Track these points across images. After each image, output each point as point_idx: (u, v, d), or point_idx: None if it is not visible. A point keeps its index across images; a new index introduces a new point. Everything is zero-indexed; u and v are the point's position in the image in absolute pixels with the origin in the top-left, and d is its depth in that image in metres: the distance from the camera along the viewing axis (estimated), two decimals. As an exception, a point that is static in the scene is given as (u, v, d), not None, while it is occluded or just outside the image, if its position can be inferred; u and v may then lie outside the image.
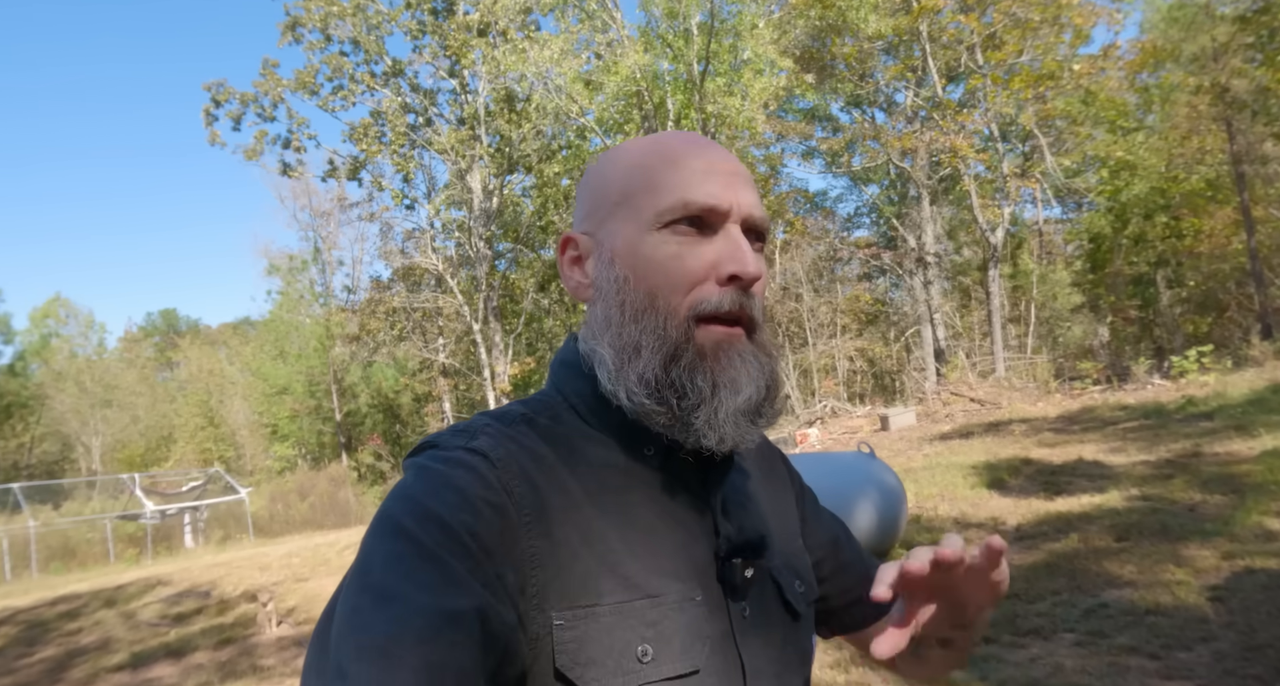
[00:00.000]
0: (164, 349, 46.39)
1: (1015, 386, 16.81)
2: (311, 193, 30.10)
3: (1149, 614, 3.75)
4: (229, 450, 34.40)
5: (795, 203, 26.73)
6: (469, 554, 0.56)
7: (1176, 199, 19.40)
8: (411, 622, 0.52)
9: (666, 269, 0.66)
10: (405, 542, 0.56)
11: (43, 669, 6.53)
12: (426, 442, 0.67)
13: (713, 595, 0.66)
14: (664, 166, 0.68)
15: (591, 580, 0.61)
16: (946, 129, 18.73)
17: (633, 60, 13.28)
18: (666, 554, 0.65)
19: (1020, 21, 18.50)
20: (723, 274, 0.66)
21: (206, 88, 18.98)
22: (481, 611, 0.55)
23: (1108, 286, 21.92)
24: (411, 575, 0.55)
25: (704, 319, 0.66)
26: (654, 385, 0.64)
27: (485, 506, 0.59)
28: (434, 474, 0.61)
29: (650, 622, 0.61)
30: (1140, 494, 6.24)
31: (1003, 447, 9.82)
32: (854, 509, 5.21)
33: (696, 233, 0.67)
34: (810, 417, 19.04)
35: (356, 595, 0.55)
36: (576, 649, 0.59)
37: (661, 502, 0.67)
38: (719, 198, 0.67)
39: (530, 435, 0.67)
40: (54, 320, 39.77)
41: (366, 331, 26.08)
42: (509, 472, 0.62)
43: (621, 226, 0.69)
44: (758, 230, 0.70)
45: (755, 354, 0.67)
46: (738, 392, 0.64)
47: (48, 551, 16.61)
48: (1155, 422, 9.73)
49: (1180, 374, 13.69)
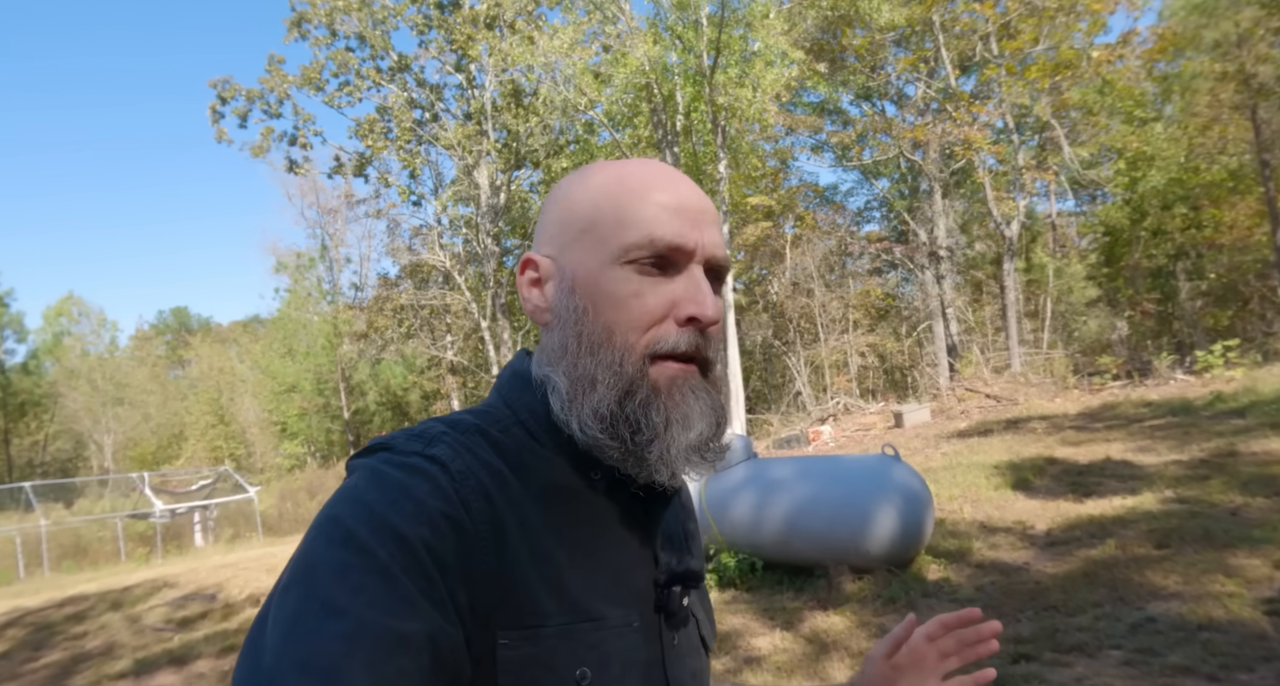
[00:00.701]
0: (175, 347, 46.54)
1: (1032, 382, 16.52)
2: (319, 190, 30.04)
3: (1201, 629, 3.52)
4: (239, 448, 34.44)
5: (805, 197, 26.43)
6: (423, 572, 0.55)
7: (1196, 190, 19.01)
8: (361, 643, 0.50)
9: (627, 306, 0.65)
10: (356, 553, 0.54)
11: (47, 675, 6.43)
12: (379, 443, 0.64)
13: (649, 622, 0.67)
14: (633, 199, 0.67)
15: (538, 600, 0.60)
16: (960, 120, 18.40)
17: (642, 51, 13.04)
18: (609, 578, 0.65)
19: (1036, 9, 18.14)
20: (681, 315, 0.65)
21: (212, 85, 18.86)
22: (432, 635, 0.53)
23: (1126, 280, 21.55)
24: (361, 590, 0.52)
25: (659, 357, 0.65)
26: (608, 419, 0.64)
27: (442, 520, 0.57)
28: (389, 480, 0.59)
29: (591, 646, 0.61)
30: (1176, 496, 5.99)
31: (1025, 446, 9.57)
32: (877, 514, 4.99)
33: (659, 271, 0.66)
34: (823, 414, 18.80)
35: (299, 602, 0.52)
36: (519, 670, 0.58)
37: (606, 527, 0.67)
38: (685, 237, 0.66)
39: (485, 447, 0.65)
40: (66, 319, 39.92)
41: (374, 329, 26.02)
42: (467, 486, 0.60)
43: (585, 256, 0.67)
44: (718, 271, 0.70)
45: (707, 391, 0.67)
46: (690, 428, 0.65)
47: (59, 550, 16.60)
48: (1183, 420, 9.45)
49: (1205, 369, 13.38)
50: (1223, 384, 11.43)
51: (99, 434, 35.15)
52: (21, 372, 36.25)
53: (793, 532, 5.24)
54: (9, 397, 34.77)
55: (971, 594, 4.57)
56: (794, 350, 24.11)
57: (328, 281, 32.59)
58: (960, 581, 4.84)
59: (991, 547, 5.47)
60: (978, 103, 19.69)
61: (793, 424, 18.37)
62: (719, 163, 14.99)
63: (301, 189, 30.10)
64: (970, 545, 5.50)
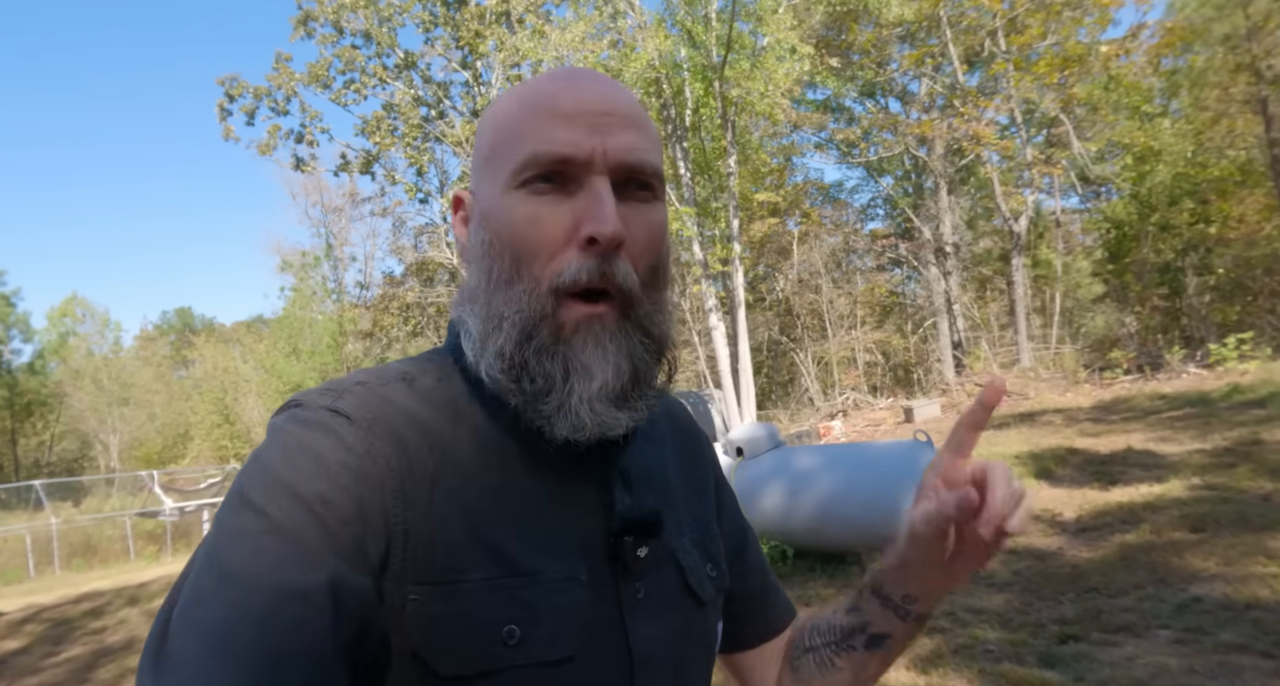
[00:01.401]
0: (179, 347, 46.55)
1: (1041, 377, 16.51)
2: (323, 188, 30.04)
3: (1249, 608, 3.51)
4: (245, 447, 34.42)
5: (810, 194, 26.44)
6: (321, 524, 0.52)
7: (1204, 184, 18.98)
8: (252, 604, 0.48)
9: (525, 235, 0.59)
10: (251, 516, 0.52)
11: (70, 668, 6.41)
12: (292, 401, 0.61)
13: (601, 575, 0.61)
14: (527, 113, 0.61)
15: (459, 554, 0.56)
16: (968, 115, 18.39)
17: (652, 46, 13.03)
18: (551, 529, 0.60)
19: (1044, 4, 18.12)
20: (581, 237, 0.58)
21: (220, 82, 18.83)
22: (333, 584, 0.50)
23: (1134, 275, 21.53)
24: (257, 552, 0.50)
25: (565, 293, 0.59)
26: (509, 361, 0.59)
27: (343, 471, 0.54)
28: (290, 438, 0.56)
29: (521, 602, 0.57)
30: (1204, 483, 5.98)
31: (1043, 437, 9.55)
32: (908, 501, 4.97)
33: (557, 189, 0.59)
34: (832, 410, 18.79)
35: (200, 574, 0.51)
36: (430, 626, 0.54)
37: (549, 474, 0.62)
38: (576, 146, 0.58)
39: (407, 394, 0.61)
40: (71, 319, 39.93)
41: (380, 327, 25.99)
42: (373, 434, 0.56)
43: (489, 185, 0.63)
44: (638, 175, 0.61)
45: (623, 332, 0.60)
46: (591, 379, 0.58)
47: (69, 548, 16.59)
48: (1201, 411, 9.44)
49: (1218, 362, 13.35)
50: (1237, 376, 11.41)
51: (104, 434, 35.17)
52: (28, 372, 36.27)
53: (825, 519, 5.22)
54: (15, 397, 34.79)
55: (1008, 577, 4.56)
56: (801, 346, 24.10)
57: (332, 280, 32.60)
58: (995, 566, 4.79)
59: (1022, 534, 5.45)
60: (984, 98, 19.67)
61: (802, 420, 18.36)
62: (728, 158, 14.98)
63: (305, 187, 30.12)
64: (1000, 532, 5.47)
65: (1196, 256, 20.21)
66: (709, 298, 14.60)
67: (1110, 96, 18.98)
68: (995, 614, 3.99)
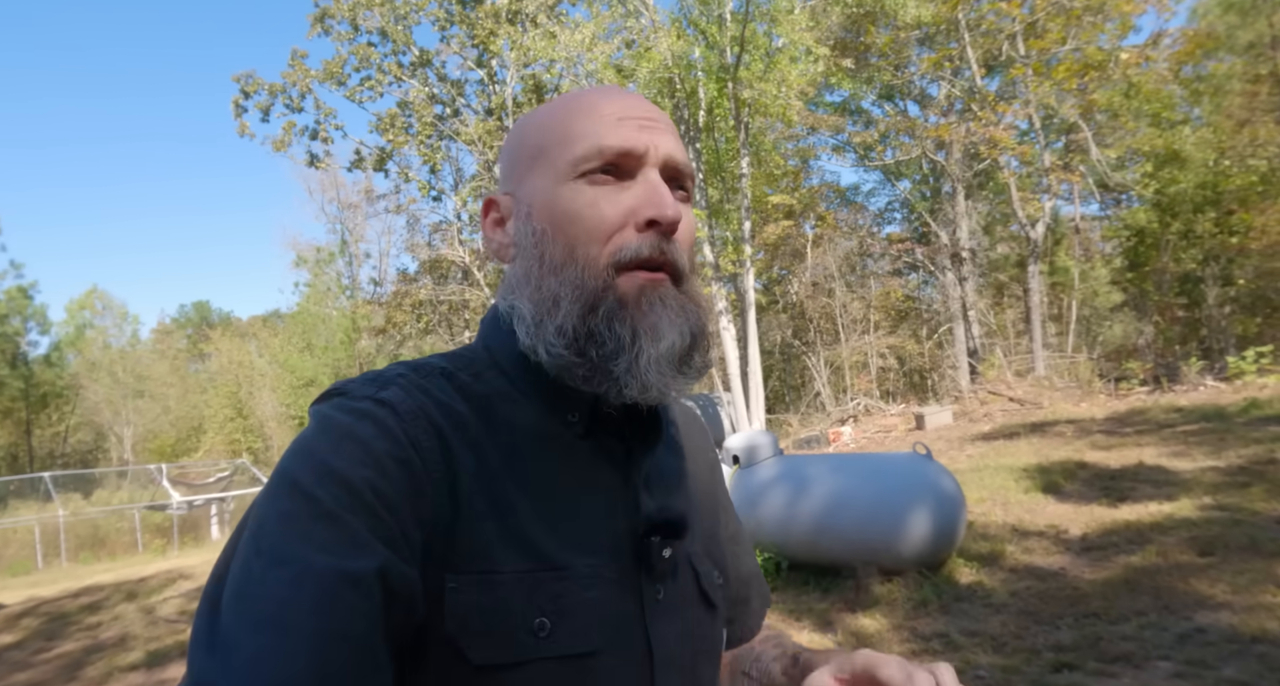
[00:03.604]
0: (196, 341, 46.93)
1: (1056, 386, 16.25)
2: (339, 185, 30.16)
3: (1255, 642, 3.35)
4: (257, 441, 34.65)
5: (826, 197, 26.22)
6: (371, 511, 0.54)
7: (1226, 193, 18.61)
8: (306, 587, 0.50)
9: (584, 218, 0.63)
10: (301, 501, 0.53)
11: (59, 665, 6.40)
12: (336, 389, 0.62)
13: (626, 573, 0.63)
14: (577, 116, 0.66)
15: (494, 546, 0.58)
16: (985, 120, 18.14)
17: (665, 46, 12.92)
18: (581, 526, 0.62)
19: (1064, 8, 17.84)
20: (641, 219, 0.63)
21: (236, 79, 18.91)
22: (383, 571, 0.52)
23: (1153, 284, 21.16)
24: (307, 536, 0.52)
25: (625, 267, 0.63)
26: (572, 336, 0.62)
27: (390, 461, 0.56)
28: (336, 425, 0.58)
29: (552, 595, 0.58)
30: (1215, 503, 5.79)
31: (1052, 449, 9.35)
32: (908, 515, 4.84)
33: (613, 179, 0.64)
34: (843, 415, 18.59)
35: (249, 557, 0.52)
36: (466, 615, 0.56)
37: (582, 472, 0.64)
38: (634, 141, 0.64)
39: (446, 389, 0.63)
40: (90, 312, 40.34)
41: (393, 324, 26.04)
42: (417, 426, 0.59)
43: (538, 180, 0.66)
44: (679, 176, 0.67)
45: (680, 301, 0.64)
46: (659, 339, 0.62)
47: (77, 540, 16.70)
48: (1217, 426, 9.20)
49: (1236, 375, 13.06)
50: (1256, 390, 11.13)
51: (119, 426, 35.50)
52: (44, 364, 36.66)
53: (821, 532, 5.09)
54: (31, 389, 35.17)
55: (1006, 598, 4.41)
56: (814, 350, 23.90)
57: (347, 276, 32.73)
58: (994, 585, 4.67)
59: (1025, 551, 5.30)
60: (1003, 103, 19.40)
61: (812, 424, 18.18)
62: (741, 159, 14.85)
63: (322, 184, 30.25)
64: (1003, 548, 5.33)
65: (1218, 266, 19.84)
66: (719, 300, 14.47)
67: (1131, 103, 18.67)
68: (990, 637, 3.85)
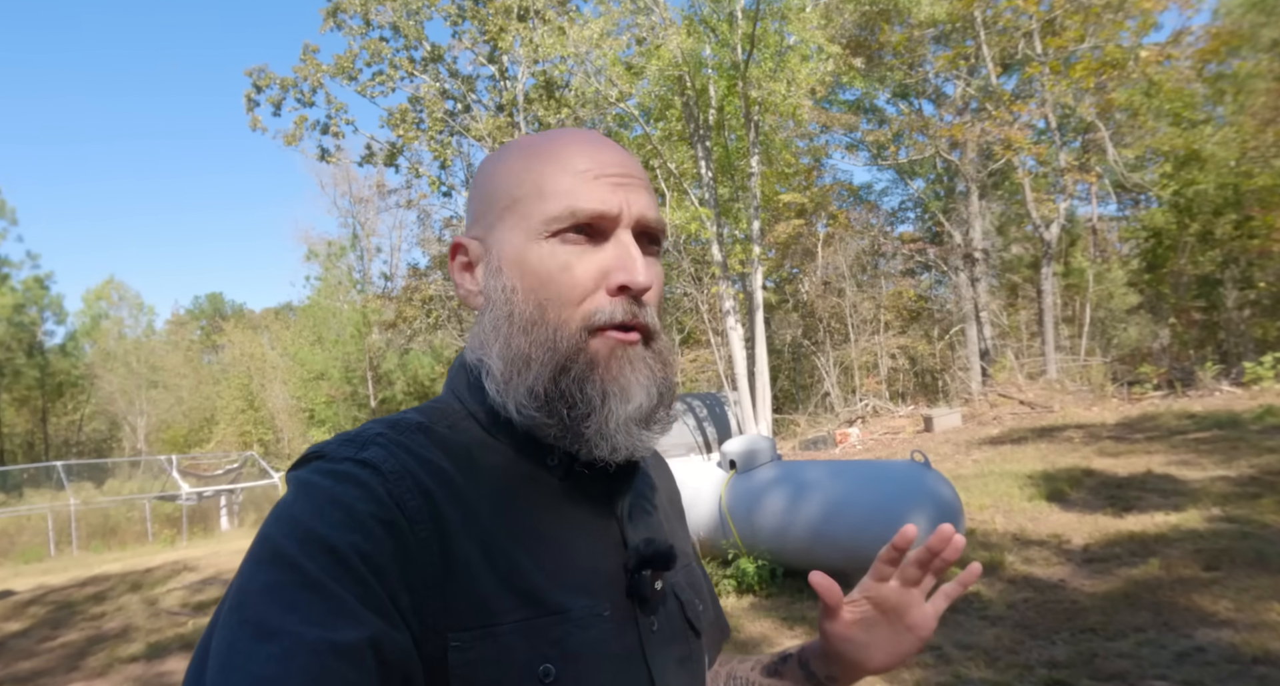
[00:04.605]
0: (209, 332, 47.28)
1: (1068, 389, 16.05)
2: (351, 179, 30.25)
3: (1256, 662, 3.26)
4: (268, 433, 34.88)
5: (839, 196, 26.04)
6: (358, 579, 0.53)
7: (1248, 194, 18.30)
8: (296, 661, 0.48)
9: (556, 280, 0.64)
10: (286, 570, 0.52)
11: (62, 655, 6.45)
12: (312, 452, 0.62)
13: (621, 609, 0.64)
14: (551, 170, 0.65)
15: (491, 598, 0.58)
16: (1001, 120, 17.91)
17: (675, 44, 12.84)
18: (572, 567, 0.63)
19: (1083, 6, 17.58)
20: (612, 285, 0.64)
21: (248, 73, 18.98)
22: (375, 641, 0.51)
23: (1170, 286, 20.87)
24: (295, 607, 0.51)
25: (598, 329, 0.64)
26: (543, 397, 0.62)
27: (375, 524, 0.55)
28: (318, 490, 0.57)
29: (553, 641, 0.58)
30: (1224, 514, 5.68)
31: (1060, 455, 9.23)
32: (905, 523, 4.75)
33: (586, 240, 0.64)
34: (850, 416, 18.48)
35: (233, 630, 0.51)
36: (472, 672, 0.55)
37: (566, 513, 0.65)
38: (608, 203, 0.64)
39: (425, 444, 0.63)
40: (106, 302, 40.68)
41: (403, 318, 26.11)
42: (402, 486, 0.58)
43: (509, 234, 0.66)
44: (651, 233, 0.68)
45: (649, 361, 0.65)
46: (628, 401, 0.63)
47: (89, 529, 16.85)
48: (1230, 433, 9.04)
49: (1253, 381, 12.85)
50: (1273, 397, 10.95)
51: (133, 416, 35.81)
52: (60, 354, 37.03)
53: (817, 539, 5.03)
54: (47, 378, 35.54)
55: (1003, 610, 4.34)
56: (823, 350, 23.77)
57: (358, 270, 32.84)
58: (992, 596, 4.60)
59: (1025, 562, 5.22)
60: (1019, 102, 19.16)
61: (820, 425, 18.08)
62: (751, 157, 14.74)
63: (335, 178, 30.35)
64: (1003, 558, 5.25)
65: (1238, 269, 19.53)
66: (727, 299, 14.39)
67: (1151, 102, 18.38)
68: (983, 650, 3.78)
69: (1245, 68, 17.98)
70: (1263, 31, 16.73)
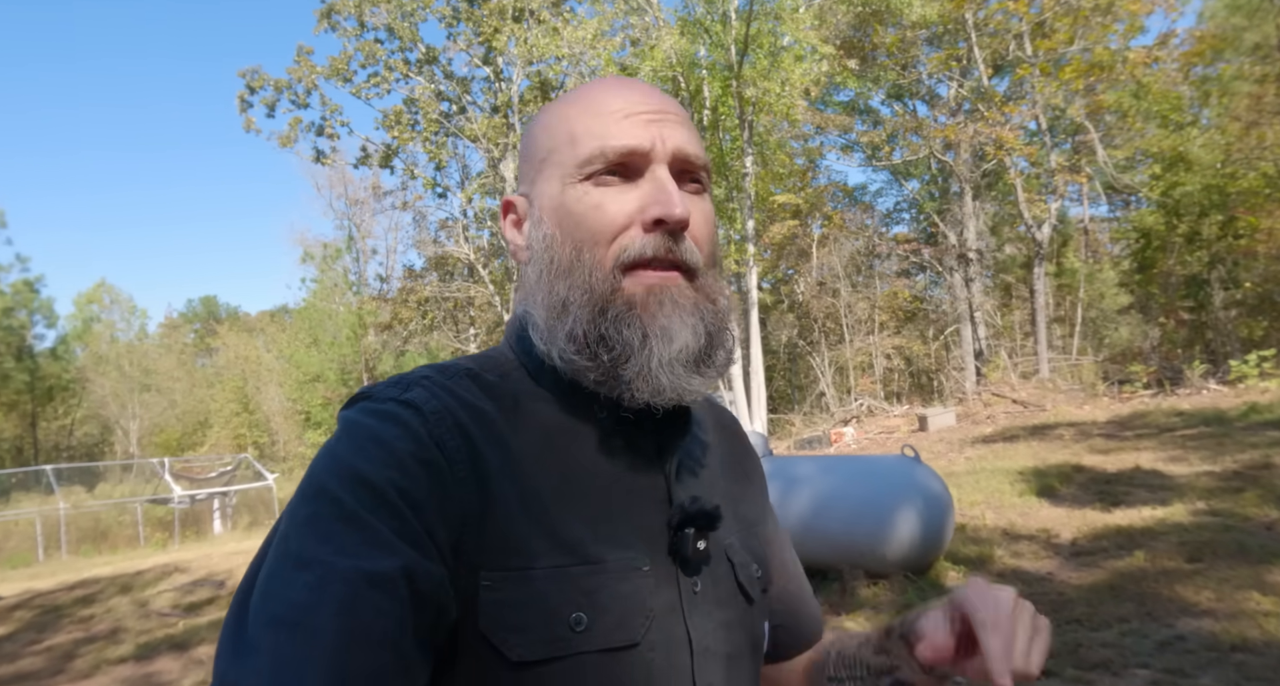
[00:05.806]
0: (203, 335, 47.15)
1: (1060, 388, 16.15)
2: (347, 181, 30.21)
3: (1234, 650, 3.31)
4: (263, 436, 34.78)
5: (833, 196, 26.11)
6: (395, 512, 0.54)
7: (1233, 196, 18.44)
8: (329, 589, 0.50)
9: (589, 220, 0.63)
10: (325, 504, 0.54)
11: (49, 657, 6.41)
12: (361, 393, 0.63)
13: (662, 566, 0.63)
14: (583, 115, 0.66)
15: (526, 542, 0.58)
16: (992, 120, 18.02)
17: (669, 44, 12.89)
18: (613, 520, 0.62)
19: (1072, 9, 17.70)
20: (647, 219, 0.62)
21: (242, 74, 18.98)
22: (408, 570, 0.52)
23: (1160, 286, 21.00)
24: (329, 538, 0.52)
25: (630, 267, 0.62)
26: (583, 341, 0.62)
27: (414, 462, 0.56)
28: (361, 429, 0.59)
29: (587, 590, 0.58)
30: (1208, 508, 5.73)
31: (1051, 453, 9.29)
32: (895, 517, 4.81)
33: (620, 180, 0.64)
34: (846, 416, 18.52)
35: (276, 560, 0.54)
36: (501, 612, 0.56)
37: (612, 466, 0.64)
38: (640, 138, 0.63)
39: (472, 389, 0.63)
40: (98, 305, 40.53)
41: (399, 320, 26.09)
42: (442, 426, 0.59)
43: (547, 185, 0.67)
44: (691, 168, 0.66)
45: (693, 299, 0.63)
46: (671, 341, 0.61)
47: (79, 533, 16.76)
48: (1216, 430, 9.12)
49: (1239, 379, 12.95)
50: (1257, 394, 11.04)
51: (125, 419, 35.65)
52: (50, 357, 36.85)
53: (807, 534, 5.06)
54: (37, 382, 35.36)
55: (990, 604, 4.37)
56: (819, 350, 23.83)
57: (354, 272, 32.80)
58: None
59: (1014, 556, 5.26)
60: (1010, 103, 19.27)
61: (815, 424, 18.12)
62: (745, 158, 14.80)
63: (330, 180, 30.30)
64: (992, 552, 5.29)
65: (1224, 269, 19.66)
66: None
67: (1140, 104, 18.51)
68: (970, 642, 3.81)
69: (1229, 71, 18.12)
70: (1245, 35, 16.87)
